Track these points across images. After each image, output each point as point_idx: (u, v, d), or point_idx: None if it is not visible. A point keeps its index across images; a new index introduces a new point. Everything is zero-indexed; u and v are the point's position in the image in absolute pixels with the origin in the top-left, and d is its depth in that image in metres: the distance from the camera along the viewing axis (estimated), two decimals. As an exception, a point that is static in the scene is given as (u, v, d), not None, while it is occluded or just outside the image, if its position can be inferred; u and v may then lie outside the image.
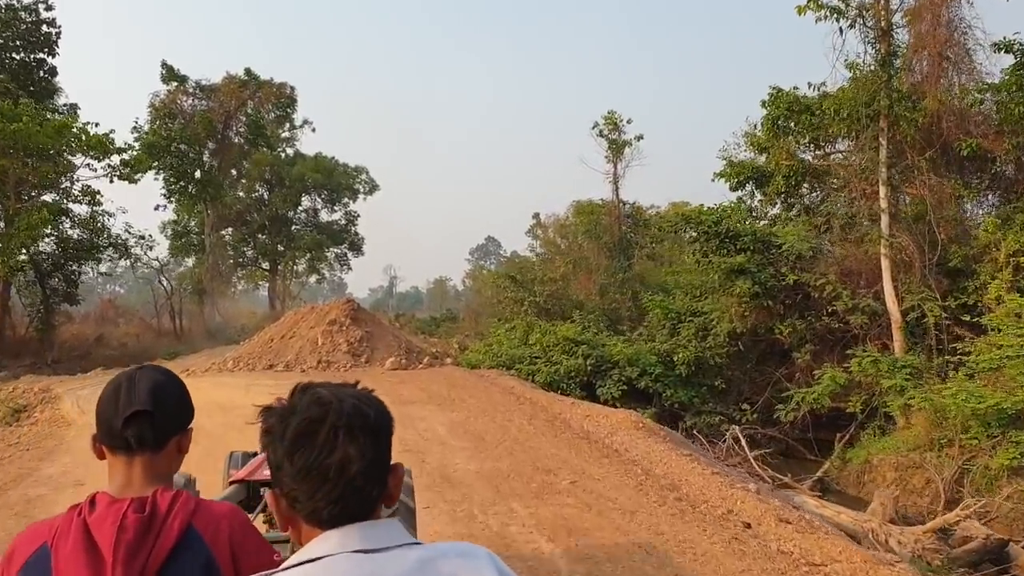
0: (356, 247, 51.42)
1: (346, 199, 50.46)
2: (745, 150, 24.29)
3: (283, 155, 49.23)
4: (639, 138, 32.83)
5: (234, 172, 45.19)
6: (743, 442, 14.33)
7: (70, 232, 29.23)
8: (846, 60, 16.58)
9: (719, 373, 17.51)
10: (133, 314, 43.51)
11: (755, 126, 23.29)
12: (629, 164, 33.22)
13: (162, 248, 40.97)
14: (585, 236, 40.72)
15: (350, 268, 52.72)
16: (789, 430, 16.29)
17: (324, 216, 50.65)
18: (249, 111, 38.68)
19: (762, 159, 23.89)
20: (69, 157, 26.15)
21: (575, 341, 17.54)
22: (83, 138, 25.50)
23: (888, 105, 15.93)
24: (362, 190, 51.09)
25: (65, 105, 32.06)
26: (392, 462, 1.15)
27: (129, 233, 30.90)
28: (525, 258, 54.23)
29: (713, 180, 23.89)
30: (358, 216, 50.90)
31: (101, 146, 26.01)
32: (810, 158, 21.10)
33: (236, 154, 41.23)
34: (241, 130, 38.94)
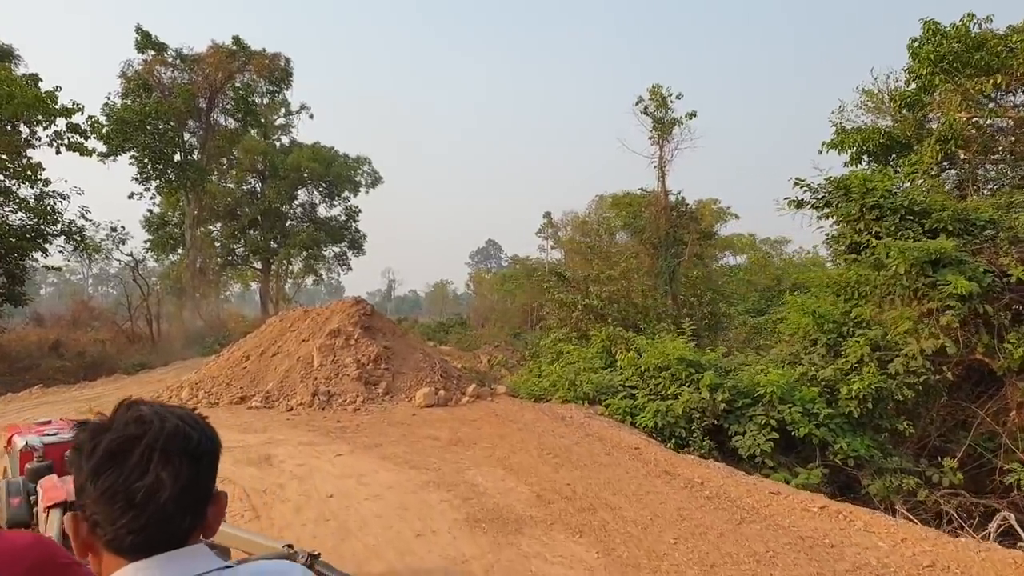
0: (357, 245, 45.12)
1: (346, 192, 44.25)
2: (865, 113, 18.43)
3: (277, 143, 43.05)
4: (691, 115, 27.03)
5: (224, 161, 38.89)
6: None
7: (12, 217, 22.81)
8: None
9: (906, 411, 11.45)
10: (108, 317, 36.79)
11: (888, 78, 17.38)
12: (678, 147, 27.50)
13: (139, 242, 34.82)
14: (624, 231, 34.97)
15: (350, 268, 46.17)
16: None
17: (322, 212, 44.42)
18: (238, 85, 32.28)
19: (885, 122, 18.03)
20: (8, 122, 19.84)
21: (695, 364, 11.41)
22: (16, 95, 19.17)
23: None
24: (364, 182, 44.89)
25: (25, 76, 25.65)
26: (216, 490, 1.03)
27: (87, 219, 24.48)
28: (537, 259, 48.40)
29: (821, 151, 18.07)
30: (359, 212, 44.69)
31: (41, 105, 19.67)
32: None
33: (223, 139, 34.83)
34: (228, 106, 32.53)
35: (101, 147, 27.48)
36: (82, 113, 21.07)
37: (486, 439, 8.09)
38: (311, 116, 42.57)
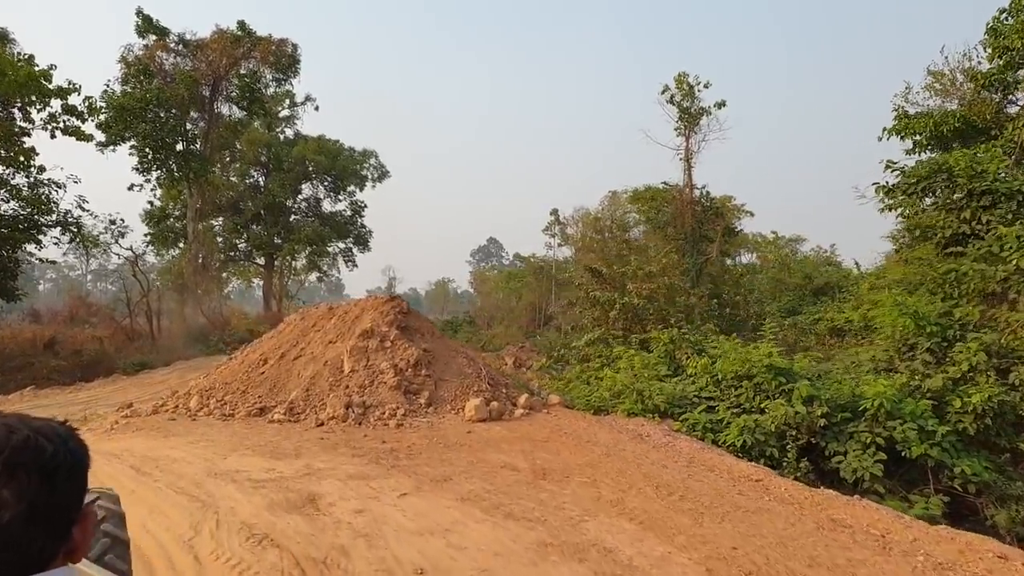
0: (362, 241, 43.30)
1: (352, 187, 42.48)
2: (931, 96, 16.81)
3: (281, 136, 41.26)
4: (720, 105, 25.50)
5: (226, 154, 37.09)
6: None
7: (4, 206, 20.98)
8: None
9: (1025, 428, 9.85)
10: (107, 314, 34.79)
11: (966, 56, 15.76)
12: (706, 138, 25.98)
13: (139, 236, 33.09)
14: (640, 227, 33.51)
15: (355, 264, 44.22)
16: None
17: (327, 206, 42.63)
18: (243, 72, 30.47)
19: (951, 105, 16.41)
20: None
21: (785, 372, 9.77)
22: (8, 74, 17.39)
23: None
24: (370, 176, 43.09)
25: (21, 54, 23.69)
26: (84, 507, 0.93)
27: (84, 210, 22.65)
28: (543, 257, 46.69)
29: (882, 138, 16.45)
30: (365, 207, 42.91)
31: (34, 85, 17.89)
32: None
33: (227, 129, 32.98)
34: (233, 94, 30.69)
35: (99, 135, 25.77)
36: (79, 93, 19.28)
37: (576, 470, 6.42)
38: (316, 108, 40.64)
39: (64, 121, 19.17)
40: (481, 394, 9.87)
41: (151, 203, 31.82)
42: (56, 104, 18.77)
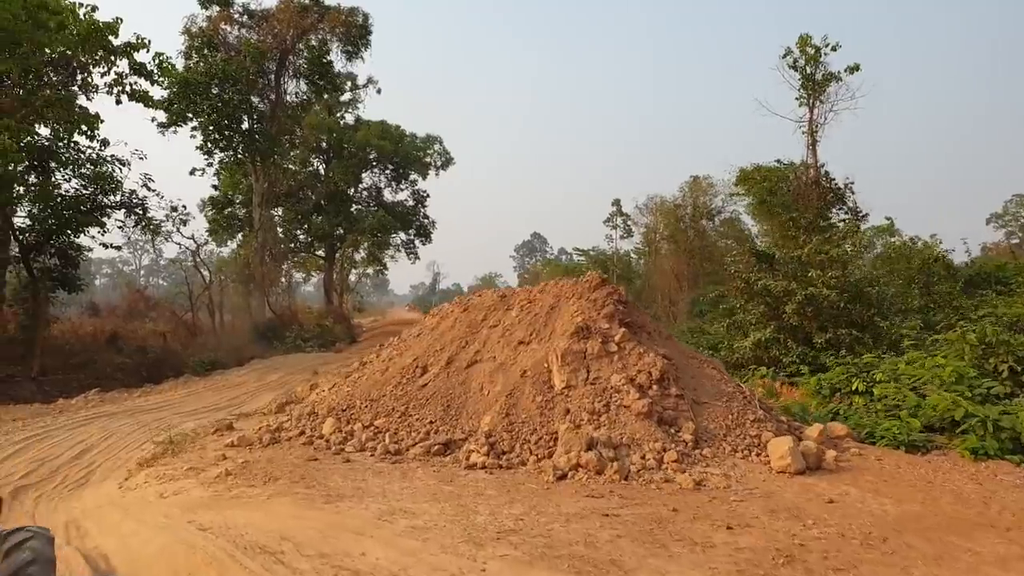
0: (425, 233, 40.20)
1: (413, 176, 39.38)
2: None
3: (342, 121, 38.24)
4: (853, 69, 21.65)
5: (285, 140, 34.13)
6: None
7: (65, 185, 17.99)
8: None
9: None
10: (167, 308, 31.95)
11: None
12: (834, 108, 22.16)
13: (197, 226, 30.42)
14: (758, 211, 29.67)
15: (417, 257, 41.10)
16: None
17: (387, 196, 39.55)
18: (313, 43, 27.40)
19: None
20: (49, 54, 14.99)
21: None
22: (68, 26, 14.40)
23: None
24: (434, 164, 39.91)
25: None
26: None
27: (150, 189, 19.65)
28: (601, 251, 42.77)
29: None
30: (428, 196, 39.80)
31: (98, 39, 14.86)
32: None
33: (289, 116, 29.85)
34: (302, 68, 27.61)
35: (160, 116, 22.94)
36: (147, 50, 16.14)
37: None
38: (379, 91, 37.34)
39: (131, 84, 16.13)
40: (761, 425, 6.40)
41: (215, 187, 28.93)
42: (123, 64, 15.74)
